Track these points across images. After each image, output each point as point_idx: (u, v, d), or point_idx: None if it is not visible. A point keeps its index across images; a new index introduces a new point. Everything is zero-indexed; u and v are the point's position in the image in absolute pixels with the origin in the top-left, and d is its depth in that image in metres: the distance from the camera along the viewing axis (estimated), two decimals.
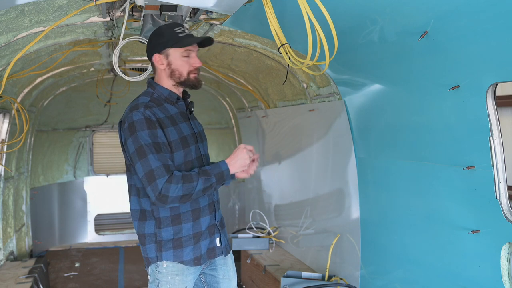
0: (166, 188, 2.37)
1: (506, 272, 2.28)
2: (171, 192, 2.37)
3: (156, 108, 2.56)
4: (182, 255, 2.59)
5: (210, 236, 2.69)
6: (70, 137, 7.72)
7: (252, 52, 4.42)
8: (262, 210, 5.81)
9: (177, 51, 2.58)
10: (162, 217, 2.57)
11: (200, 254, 2.65)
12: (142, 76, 3.63)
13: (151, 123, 2.47)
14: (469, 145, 2.42)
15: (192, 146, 2.62)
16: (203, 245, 2.65)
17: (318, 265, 4.45)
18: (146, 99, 2.60)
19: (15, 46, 3.38)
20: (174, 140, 2.54)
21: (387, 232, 3.36)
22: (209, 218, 2.68)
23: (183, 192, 2.39)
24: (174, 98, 2.64)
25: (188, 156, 2.58)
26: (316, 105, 4.36)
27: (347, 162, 3.81)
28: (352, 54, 3.14)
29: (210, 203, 2.69)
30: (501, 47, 2.04)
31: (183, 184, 2.38)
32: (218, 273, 2.78)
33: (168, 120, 2.57)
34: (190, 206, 2.60)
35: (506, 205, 2.27)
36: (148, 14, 3.26)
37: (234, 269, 2.87)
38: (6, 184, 5.45)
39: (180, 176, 2.40)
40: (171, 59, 2.59)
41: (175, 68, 2.60)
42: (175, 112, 2.63)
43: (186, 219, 2.59)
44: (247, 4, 2.88)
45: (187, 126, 2.65)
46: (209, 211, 2.68)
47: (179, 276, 2.61)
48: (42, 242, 6.89)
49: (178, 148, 2.54)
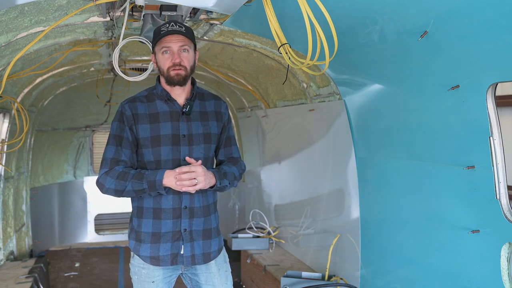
0: (103, 178, 2.56)
1: (506, 272, 2.28)
2: (106, 183, 2.55)
3: (144, 104, 2.64)
4: (139, 249, 2.66)
5: (172, 241, 2.61)
6: (70, 137, 7.72)
7: (252, 52, 4.42)
8: (262, 210, 5.81)
9: (158, 48, 2.59)
10: (133, 206, 2.73)
11: (157, 255, 2.62)
12: (142, 76, 3.63)
13: (123, 117, 2.62)
14: (469, 145, 2.42)
15: (165, 147, 2.58)
16: (162, 248, 2.61)
17: (318, 265, 4.45)
18: (144, 92, 2.71)
19: (15, 46, 3.38)
20: (143, 138, 2.60)
21: (387, 232, 3.36)
22: (171, 222, 2.60)
23: (115, 187, 2.54)
24: (164, 96, 2.65)
25: (157, 155, 2.58)
26: (316, 105, 4.36)
27: (347, 162, 3.81)
28: (352, 54, 3.14)
29: (175, 208, 2.59)
30: (501, 47, 2.04)
31: (116, 180, 2.53)
32: (199, 278, 2.72)
33: (147, 117, 2.60)
34: (152, 204, 2.62)
35: (506, 205, 2.27)
36: (148, 14, 3.26)
37: (221, 276, 2.73)
38: (6, 184, 5.45)
39: (118, 172, 2.55)
40: (157, 57, 2.62)
41: (159, 66, 2.62)
42: (164, 111, 2.63)
43: (147, 215, 2.63)
44: (247, 4, 2.88)
45: (170, 126, 2.60)
46: (172, 216, 2.60)
47: (145, 270, 2.66)
48: (42, 242, 6.89)
49: (146, 146, 2.60)
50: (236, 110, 7.11)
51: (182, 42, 2.54)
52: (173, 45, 2.53)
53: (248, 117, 6.50)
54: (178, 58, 2.54)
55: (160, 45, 2.56)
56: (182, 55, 2.55)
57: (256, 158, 6.24)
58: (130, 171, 2.55)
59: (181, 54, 2.55)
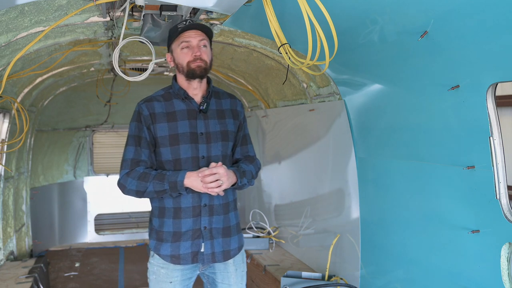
0: (124, 179, 2.59)
1: (506, 272, 2.28)
2: (127, 184, 2.57)
3: (160, 103, 2.64)
4: (160, 248, 2.66)
5: (193, 239, 2.63)
6: (70, 137, 7.72)
7: (252, 52, 4.42)
8: (262, 210, 5.81)
9: (176, 44, 2.61)
10: (153, 206, 2.72)
11: (178, 253, 2.63)
12: (142, 76, 3.62)
13: (140, 117, 2.62)
14: (469, 145, 2.42)
15: (184, 145, 2.58)
16: (182, 246, 2.62)
17: (318, 265, 4.45)
18: (161, 92, 2.72)
19: (15, 46, 3.38)
20: (161, 136, 2.60)
21: (387, 232, 3.36)
22: (191, 221, 2.61)
23: (136, 188, 2.55)
24: (181, 95, 2.66)
25: (176, 154, 2.59)
26: (316, 105, 4.36)
27: (347, 162, 3.81)
28: (352, 54, 3.14)
29: (195, 206, 2.61)
30: (501, 47, 2.04)
31: (137, 181, 2.54)
32: (217, 277, 2.75)
33: (164, 116, 2.61)
34: (172, 204, 2.62)
35: (506, 205, 2.27)
36: (148, 14, 3.26)
37: (237, 276, 2.76)
38: (6, 184, 5.45)
39: (140, 173, 2.55)
40: (174, 54, 2.64)
41: (178, 62, 2.63)
42: (181, 109, 2.64)
43: (168, 215, 2.64)
44: (247, 4, 2.88)
45: (188, 124, 2.61)
46: (192, 214, 2.61)
47: (164, 270, 2.67)
48: (42, 242, 6.88)
49: (164, 145, 2.60)
50: None
51: (201, 36, 2.59)
52: (193, 40, 2.57)
53: (248, 117, 6.50)
54: (199, 51, 2.57)
55: (178, 40, 2.59)
56: (202, 49, 2.59)
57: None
58: (151, 172, 2.56)
59: (200, 49, 2.58)
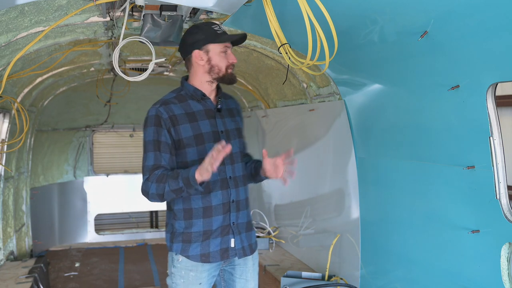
0: (145, 185, 2.54)
1: (506, 272, 2.28)
2: (149, 189, 2.52)
3: (177, 105, 2.64)
4: (189, 249, 2.64)
5: (222, 236, 2.66)
6: (70, 137, 7.72)
7: (252, 52, 4.42)
8: (262, 210, 5.81)
9: (216, 47, 2.64)
10: (176, 209, 2.67)
11: (208, 251, 2.64)
12: (142, 76, 3.62)
13: (159, 120, 2.58)
14: (469, 145, 2.42)
15: (208, 144, 2.61)
16: (212, 244, 2.64)
17: (318, 265, 4.45)
18: (172, 94, 2.70)
19: (15, 46, 3.38)
20: (187, 137, 2.60)
21: (387, 232, 3.36)
22: (221, 217, 2.65)
23: (156, 191, 2.51)
24: (198, 95, 2.68)
25: (202, 153, 2.59)
26: (316, 105, 4.36)
27: (347, 162, 3.81)
28: (352, 54, 3.14)
29: (225, 203, 2.66)
30: (501, 47, 2.04)
31: (156, 183, 2.50)
32: (235, 271, 2.77)
33: (186, 117, 2.62)
34: (201, 203, 2.62)
35: (506, 205, 2.27)
36: (148, 14, 3.26)
37: (254, 271, 2.82)
38: (6, 184, 5.45)
39: (157, 176, 2.51)
40: (211, 55, 2.65)
41: (215, 64, 2.65)
42: (199, 109, 2.67)
43: (197, 215, 2.63)
44: (247, 4, 2.88)
45: (208, 123, 2.66)
46: (222, 211, 2.65)
47: (193, 272, 2.65)
48: (42, 242, 6.88)
49: (190, 145, 2.60)
50: None
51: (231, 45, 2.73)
52: (230, 46, 2.68)
53: (248, 117, 6.50)
54: (236, 58, 2.67)
55: (222, 44, 2.65)
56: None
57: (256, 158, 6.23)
58: (167, 172, 2.53)
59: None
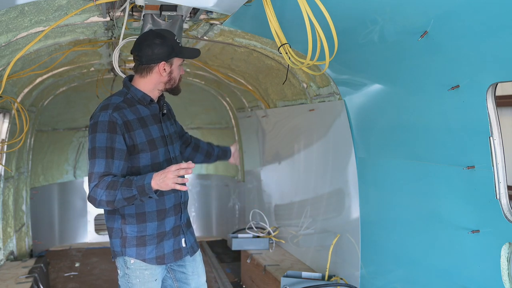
0: (94, 191, 2.46)
1: (506, 272, 2.28)
2: (98, 196, 2.45)
3: (128, 110, 2.62)
4: (145, 253, 2.65)
5: (174, 236, 2.71)
6: (70, 137, 7.72)
7: (252, 52, 4.42)
8: (262, 210, 5.80)
9: (178, 60, 2.71)
10: (127, 214, 2.65)
11: (163, 253, 2.68)
12: None
13: (114, 127, 2.52)
14: (469, 145, 2.42)
15: (160, 149, 2.67)
16: (166, 245, 2.68)
17: (318, 265, 4.45)
18: (119, 99, 2.66)
19: (15, 46, 3.38)
20: (141, 143, 2.61)
21: (387, 232, 3.36)
22: (174, 219, 2.70)
23: (106, 198, 2.44)
24: (147, 100, 2.70)
25: (155, 158, 2.64)
26: (316, 105, 4.36)
27: (347, 162, 3.81)
28: (352, 54, 3.14)
29: (177, 205, 2.71)
30: (501, 47, 2.04)
31: (106, 190, 2.43)
32: (187, 269, 2.83)
33: (138, 122, 2.63)
34: (156, 206, 2.64)
35: (506, 205, 2.27)
36: (148, 14, 3.25)
37: (202, 265, 2.94)
38: (6, 184, 5.45)
39: (108, 182, 2.44)
40: (173, 67, 2.70)
41: (174, 76, 2.71)
42: (147, 114, 2.69)
43: (151, 219, 2.64)
44: (247, 4, 2.88)
45: (157, 128, 2.70)
46: (174, 212, 2.70)
47: (148, 271, 2.68)
48: (42, 242, 6.88)
49: (145, 150, 2.62)
50: (236, 110, 7.11)
51: None
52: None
53: (248, 117, 6.50)
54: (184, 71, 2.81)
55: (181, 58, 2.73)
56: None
57: (256, 158, 6.23)
58: (119, 179, 2.47)
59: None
